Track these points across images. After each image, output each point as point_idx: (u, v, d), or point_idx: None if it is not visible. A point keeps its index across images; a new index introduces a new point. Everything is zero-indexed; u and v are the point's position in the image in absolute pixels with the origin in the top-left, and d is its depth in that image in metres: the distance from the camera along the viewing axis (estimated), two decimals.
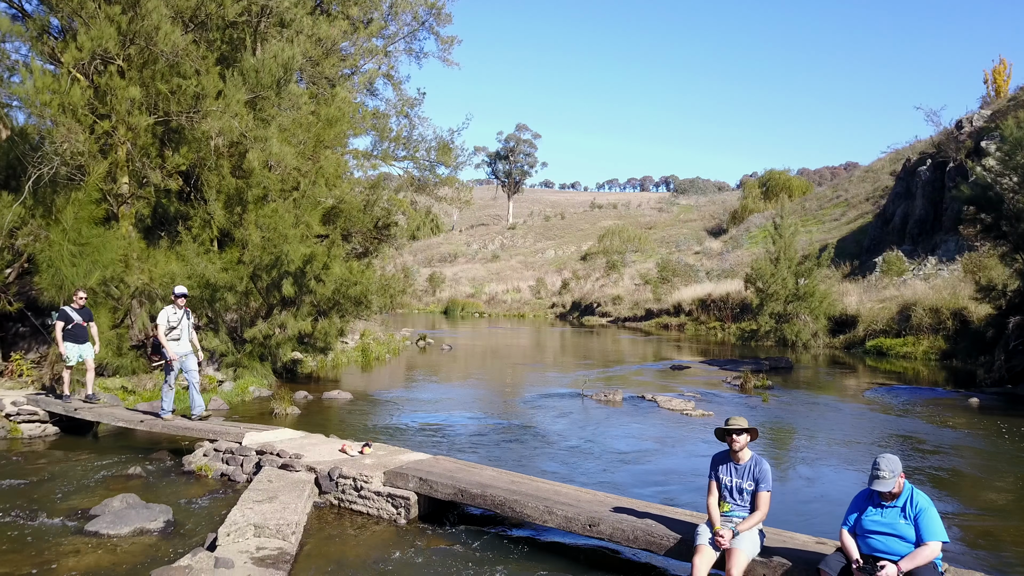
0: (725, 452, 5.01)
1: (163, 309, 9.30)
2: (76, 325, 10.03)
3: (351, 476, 6.74)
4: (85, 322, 10.20)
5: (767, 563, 4.64)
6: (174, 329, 9.24)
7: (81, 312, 10.19)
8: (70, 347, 9.97)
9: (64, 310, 10.07)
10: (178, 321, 9.27)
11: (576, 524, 5.44)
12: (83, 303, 10.30)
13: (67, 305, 10.21)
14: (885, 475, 4.19)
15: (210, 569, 5.05)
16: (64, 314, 10.02)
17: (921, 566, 3.99)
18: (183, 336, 9.33)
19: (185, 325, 9.37)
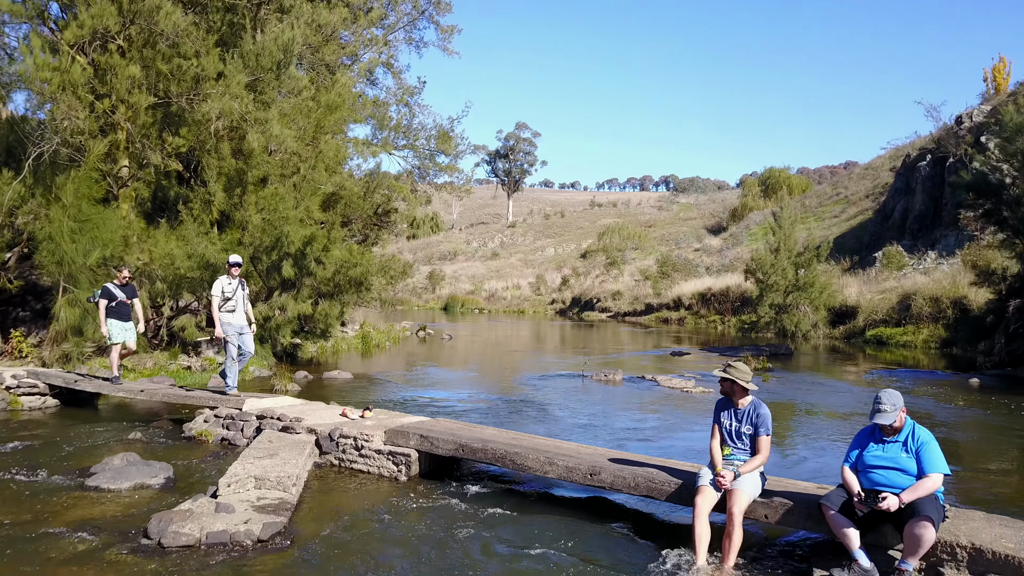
0: (728, 398, 5.01)
1: (217, 279, 8.74)
2: (120, 303, 9.55)
3: (352, 436, 6.74)
4: (129, 299, 9.70)
5: (768, 503, 4.63)
6: (229, 300, 8.64)
7: (125, 289, 9.67)
8: (114, 325, 9.48)
9: (107, 287, 9.59)
10: (233, 291, 8.67)
11: (577, 474, 5.43)
12: (127, 280, 9.77)
13: (110, 282, 9.73)
14: (887, 408, 4.19)
15: (211, 513, 5.05)
16: (107, 291, 9.52)
17: (923, 497, 3.98)
18: (238, 307, 8.73)
19: (240, 296, 8.76)
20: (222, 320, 8.59)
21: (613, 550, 4.80)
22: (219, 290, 8.63)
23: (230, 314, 8.65)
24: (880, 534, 4.25)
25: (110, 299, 9.48)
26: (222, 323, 8.59)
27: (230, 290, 8.68)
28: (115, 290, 9.55)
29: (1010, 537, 4.00)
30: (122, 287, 9.65)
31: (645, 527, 5.30)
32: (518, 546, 4.82)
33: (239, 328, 8.72)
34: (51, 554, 4.63)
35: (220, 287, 8.64)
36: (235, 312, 8.69)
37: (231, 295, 8.68)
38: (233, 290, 8.70)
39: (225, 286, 8.66)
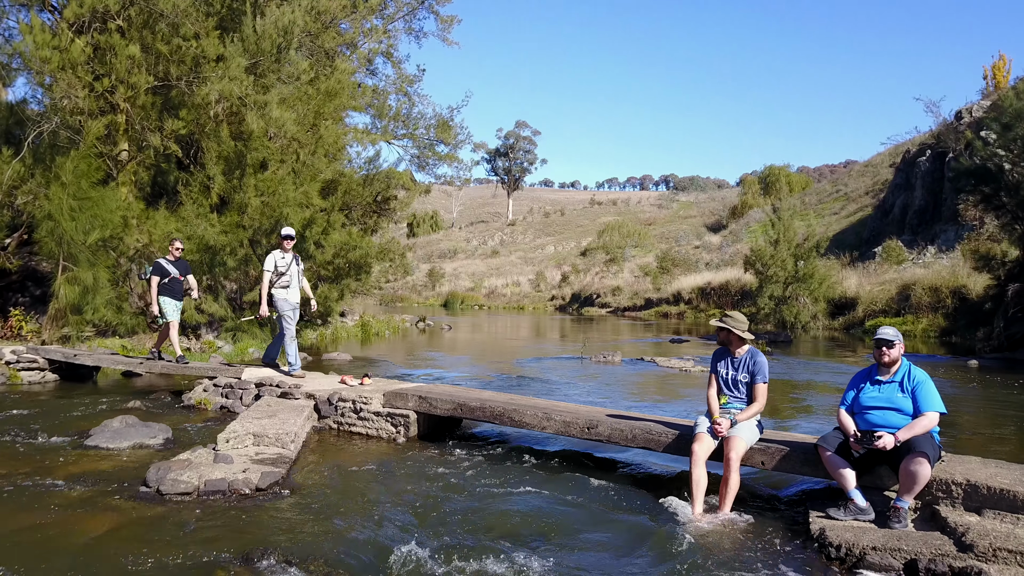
0: (725, 348, 5.03)
1: (269, 253, 8.08)
2: (173, 279, 9.06)
3: (350, 399, 6.76)
4: (182, 275, 9.21)
5: (765, 450, 4.65)
6: (283, 275, 8.00)
7: (177, 264, 9.18)
8: (167, 302, 9.01)
9: (159, 262, 9.09)
10: (287, 266, 8.02)
11: (575, 428, 5.45)
12: (179, 254, 9.26)
13: (162, 257, 9.25)
14: (889, 332, 4.25)
15: (209, 463, 5.07)
16: (159, 267, 9.04)
17: (919, 435, 4.00)
18: (293, 283, 8.10)
19: (295, 271, 8.14)
20: (277, 297, 7.97)
21: (611, 501, 4.81)
22: (272, 264, 7.96)
23: (284, 290, 8.03)
24: (876, 475, 4.26)
25: (163, 275, 8.98)
26: (277, 299, 7.98)
27: (284, 264, 8.02)
28: (168, 265, 9.06)
29: (1005, 475, 4.02)
30: (174, 262, 9.14)
31: (643, 480, 5.32)
32: (515, 500, 4.82)
33: (295, 305, 8.17)
34: (48, 501, 4.64)
35: (273, 261, 7.97)
36: (290, 288, 8.07)
37: (285, 269, 8.02)
38: (287, 264, 8.04)
39: (279, 260, 8.01)
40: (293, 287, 8.10)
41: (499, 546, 3.88)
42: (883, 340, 4.28)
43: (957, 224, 29.80)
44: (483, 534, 4.10)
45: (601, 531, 4.21)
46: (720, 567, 3.68)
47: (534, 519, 4.40)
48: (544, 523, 4.33)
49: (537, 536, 4.11)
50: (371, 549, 3.86)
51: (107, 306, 12.12)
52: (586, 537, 4.12)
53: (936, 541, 3.62)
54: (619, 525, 4.30)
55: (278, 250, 8.11)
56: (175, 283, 9.10)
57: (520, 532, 4.18)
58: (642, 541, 4.05)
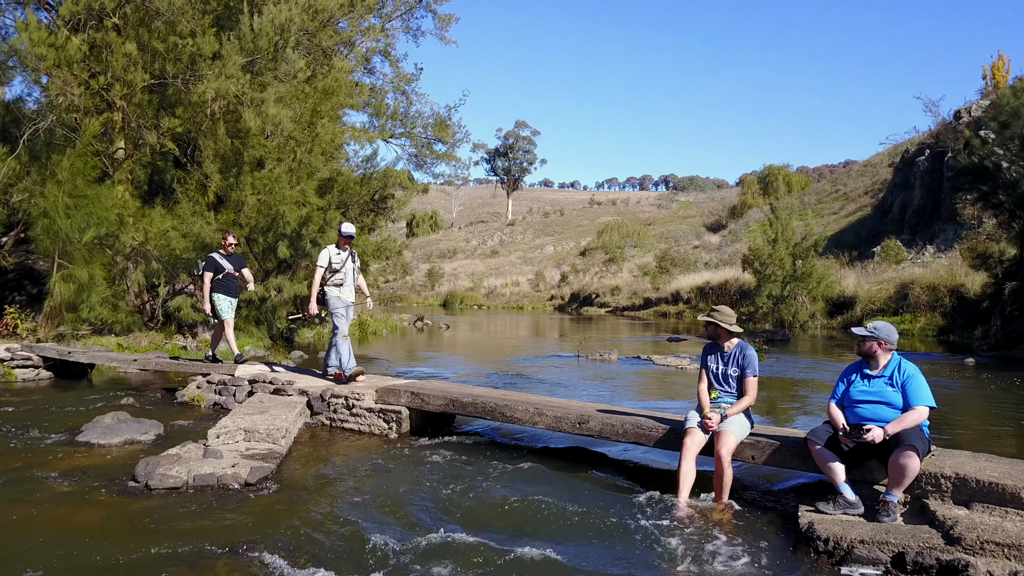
0: (715, 342, 5.02)
1: (324, 249, 7.67)
2: (227, 275, 8.57)
3: (343, 395, 6.75)
4: (236, 270, 8.72)
5: (756, 444, 4.64)
6: (337, 272, 7.56)
7: (231, 259, 8.69)
8: (221, 299, 8.49)
9: (212, 257, 8.58)
10: (342, 263, 7.61)
11: (566, 423, 5.44)
12: (233, 249, 8.76)
13: (215, 252, 8.73)
14: (866, 327, 4.27)
15: (199, 458, 5.06)
16: (212, 262, 8.55)
17: (908, 429, 3.98)
18: (347, 281, 7.66)
19: (350, 269, 7.69)
20: (329, 295, 7.53)
21: (599, 495, 4.79)
22: (326, 259, 7.56)
23: (337, 288, 7.57)
24: (866, 469, 4.25)
25: (216, 271, 8.48)
26: (329, 297, 7.52)
27: (338, 261, 7.59)
28: (221, 260, 8.55)
29: (994, 468, 4.01)
30: (228, 257, 8.64)
31: (633, 474, 5.30)
32: (506, 492, 4.81)
33: (348, 304, 7.70)
34: (38, 495, 4.63)
35: (327, 256, 7.56)
36: (343, 286, 7.63)
37: (340, 266, 7.58)
38: (342, 261, 7.62)
39: (333, 256, 7.58)
40: (347, 285, 7.69)
41: (488, 540, 3.87)
42: (857, 335, 4.34)
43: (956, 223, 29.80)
44: (472, 528, 4.09)
45: (590, 524, 4.20)
46: (707, 560, 3.67)
47: (523, 513, 4.39)
48: (533, 517, 4.31)
49: (526, 530, 4.10)
50: (357, 543, 3.85)
51: (103, 304, 12.11)
52: (574, 530, 4.11)
53: (924, 534, 3.61)
54: (608, 518, 4.28)
55: (333, 246, 7.69)
56: (229, 279, 8.60)
57: (509, 526, 4.17)
58: (630, 533, 4.04)
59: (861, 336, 4.31)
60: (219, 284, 8.48)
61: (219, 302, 8.47)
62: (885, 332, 4.26)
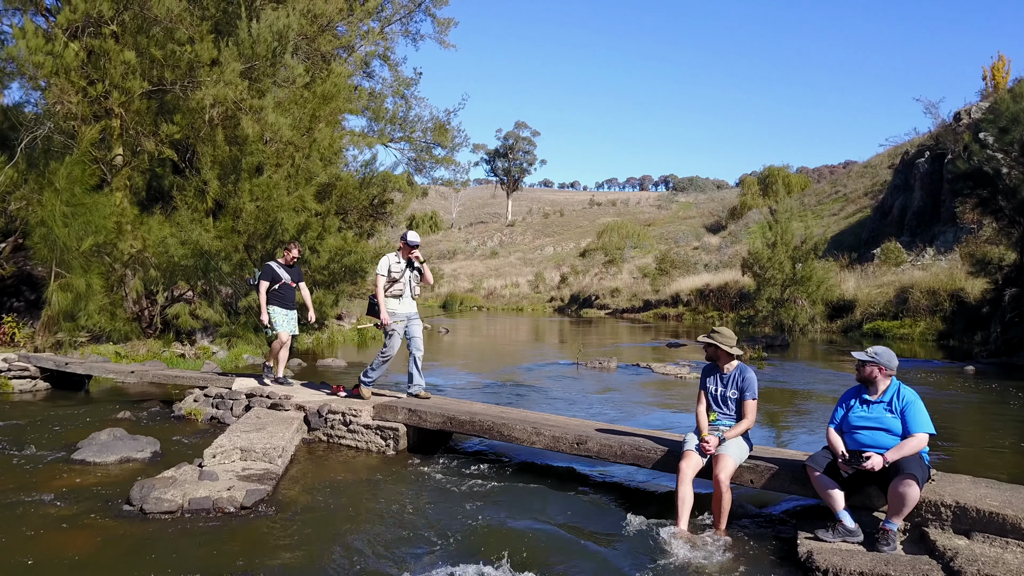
0: (714, 364, 4.99)
1: (384, 257, 7.23)
2: (284, 285, 7.99)
3: (340, 411, 6.71)
4: (295, 283, 8.15)
5: (754, 467, 4.61)
6: (396, 283, 7.11)
7: (290, 270, 8.12)
8: (277, 313, 7.90)
9: (270, 266, 8.00)
10: (401, 272, 7.15)
11: (564, 443, 5.41)
12: (294, 260, 8.18)
13: (273, 260, 8.18)
14: (867, 352, 4.24)
15: (194, 480, 5.02)
16: (269, 271, 7.96)
17: (907, 456, 3.95)
18: (406, 292, 7.19)
19: (409, 278, 7.21)
20: (389, 306, 7.10)
21: (598, 518, 4.77)
22: (385, 268, 7.10)
23: (395, 300, 7.12)
24: (865, 495, 4.22)
25: (273, 281, 7.93)
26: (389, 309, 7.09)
27: (398, 270, 7.12)
28: (279, 270, 8.02)
29: (995, 496, 3.98)
30: (288, 267, 8.12)
31: (632, 497, 5.27)
32: (503, 515, 4.78)
33: (405, 316, 7.16)
34: (31, 519, 4.60)
35: (387, 264, 7.12)
36: (402, 298, 7.14)
37: (399, 276, 7.12)
38: (402, 270, 7.15)
39: (393, 264, 7.13)
40: (406, 297, 7.18)
41: (486, 569, 3.84)
42: (858, 360, 4.30)
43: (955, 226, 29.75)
44: (471, 555, 4.06)
45: (588, 549, 4.17)
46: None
47: (521, 537, 4.36)
48: (531, 541, 4.28)
49: (524, 554, 4.07)
50: (352, 571, 3.81)
51: (100, 312, 12.08)
52: (572, 555, 4.08)
53: (924, 566, 3.58)
54: (606, 543, 4.26)
55: (393, 253, 7.29)
56: (286, 290, 8.02)
57: (507, 551, 4.13)
58: (628, 560, 4.01)
59: (861, 360, 4.28)
60: (275, 295, 7.93)
61: (274, 315, 7.91)
62: (886, 358, 4.23)
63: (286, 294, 8.01)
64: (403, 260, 7.21)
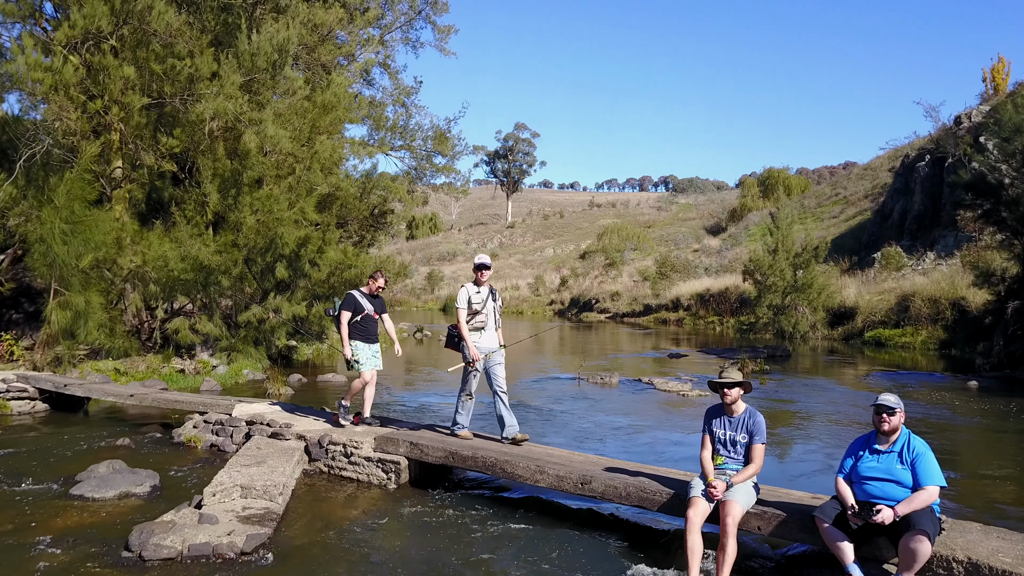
0: (719, 406, 4.92)
1: (462, 288, 6.64)
2: (367, 317, 7.21)
3: (341, 442, 6.65)
4: (378, 314, 7.36)
5: (762, 515, 4.54)
6: (478, 315, 6.53)
7: (374, 300, 7.36)
8: (360, 348, 7.15)
9: (352, 295, 7.28)
10: (483, 302, 6.55)
11: (568, 483, 5.34)
12: (379, 289, 7.38)
13: (356, 289, 7.47)
14: (890, 400, 4.15)
15: (194, 524, 4.96)
16: (351, 301, 7.21)
17: (918, 510, 3.89)
18: (489, 323, 6.60)
19: (492, 309, 6.62)
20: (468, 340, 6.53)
21: (602, 562, 4.71)
22: (465, 299, 6.52)
23: (478, 333, 6.55)
24: (875, 547, 4.16)
25: (355, 311, 7.17)
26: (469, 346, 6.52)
27: (479, 300, 6.54)
28: (362, 300, 7.26)
29: (1007, 551, 3.91)
30: (371, 297, 7.36)
31: (637, 538, 5.21)
32: (507, 557, 4.73)
33: (488, 351, 6.57)
34: (29, 565, 4.54)
35: (466, 296, 6.53)
36: (485, 331, 6.57)
37: (481, 307, 6.53)
38: (483, 300, 6.56)
39: (473, 295, 6.54)
40: (488, 330, 6.59)
41: None
42: (884, 407, 4.17)
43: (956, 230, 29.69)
44: None
45: None
46: None
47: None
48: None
49: None
50: None
51: (99, 329, 12.02)
52: None
53: None
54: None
55: (471, 283, 6.65)
56: (369, 322, 7.24)
57: None
58: None
59: (890, 410, 4.16)
60: (356, 328, 7.16)
61: (358, 350, 7.14)
62: (901, 404, 4.19)
63: (369, 327, 7.25)
64: (482, 288, 6.60)
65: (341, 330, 7.10)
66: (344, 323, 7.10)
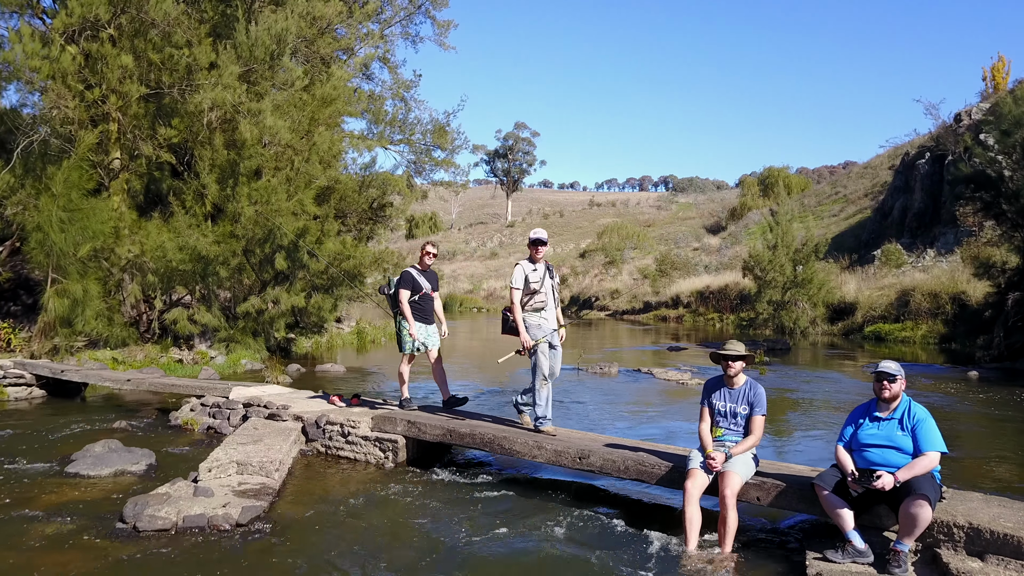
0: (719, 378, 4.89)
1: (517, 265, 6.10)
2: (424, 296, 6.75)
3: (338, 422, 6.61)
4: (433, 291, 6.90)
5: (761, 485, 4.51)
6: (536, 294, 6.00)
7: (428, 276, 6.87)
8: (417, 328, 6.69)
9: (409, 273, 6.76)
10: (540, 281, 6.03)
11: (566, 457, 5.31)
12: (431, 261, 6.89)
13: (411, 266, 6.91)
14: (890, 367, 4.12)
15: (189, 497, 4.93)
16: (409, 278, 6.72)
17: (919, 476, 3.86)
18: (549, 303, 6.07)
19: (550, 287, 6.13)
20: (528, 323, 5.96)
21: (602, 536, 4.67)
22: (521, 278, 6.01)
23: (538, 314, 6.01)
24: (875, 515, 4.13)
25: (413, 290, 6.70)
26: (529, 327, 5.95)
27: (536, 279, 6.01)
28: (419, 277, 6.76)
29: (1008, 517, 3.88)
30: (425, 272, 6.86)
31: (636, 512, 5.17)
32: (505, 531, 4.69)
33: (550, 332, 6.04)
34: (23, 538, 4.51)
35: (523, 275, 6.01)
36: (545, 310, 6.03)
37: (538, 286, 6.01)
38: (540, 279, 6.03)
39: (530, 273, 6.02)
40: (549, 309, 6.07)
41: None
42: (884, 374, 4.14)
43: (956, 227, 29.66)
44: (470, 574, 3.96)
45: (592, 571, 4.07)
46: None
47: (523, 558, 4.27)
48: (536, 564, 4.19)
49: None
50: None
51: (98, 318, 11.98)
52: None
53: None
54: (611, 564, 4.16)
55: (526, 260, 6.12)
56: (427, 301, 6.76)
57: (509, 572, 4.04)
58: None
59: (891, 376, 4.13)
60: (414, 308, 6.69)
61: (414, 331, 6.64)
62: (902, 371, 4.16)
63: (426, 306, 6.76)
64: (539, 265, 6.08)
65: (403, 310, 6.63)
66: (404, 302, 6.63)
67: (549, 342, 5.97)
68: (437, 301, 6.93)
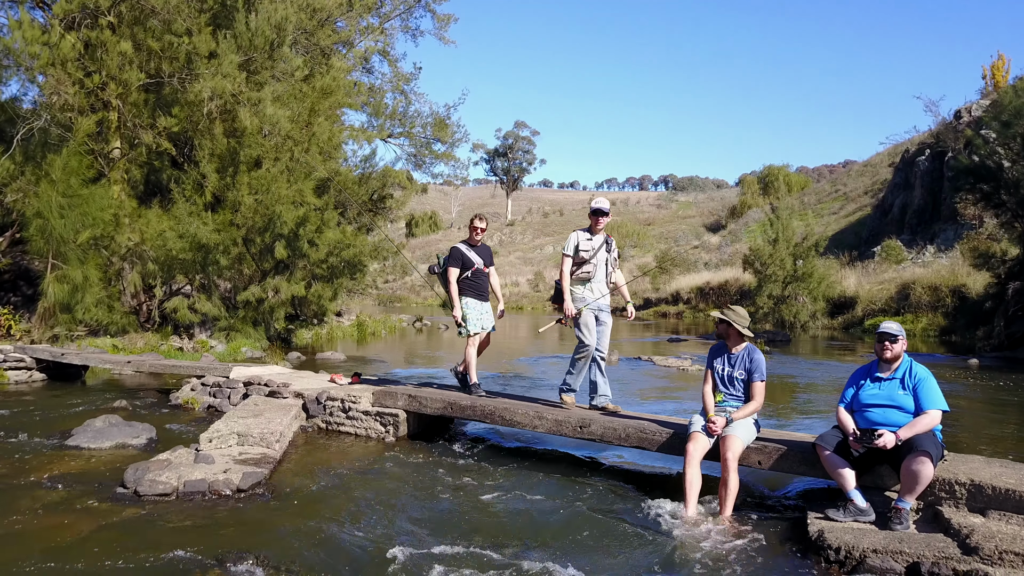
0: (722, 344, 4.90)
1: (572, 233, 5.90)
2: (477, 272, 6.37)
3: (339, 398, 6.61)
4: (487, 266, 6.50)
5: (762, 449, 4.51)
6: (585, 264, 5.75)
7: (480, 251, 6.48)
8: (471, 305, 6.31)
9: (458, 248, 6.40)
10: (592, 252, 5.77)
11: (567, 427, 5.31)
12: (481, 236, 6.48)
13: (460, 242, 6.52)
14: (891, 327, 4.12)
15: (190, 463, 4.93)
16: (458, 255, 6.36)
17: (920, 433, 3.86)
18: (598, 273, 5.79)
19: (603, 259, 5.83)
20: (574, 293, 5.76)
21: (603, 503, 4.67)
22: (572, 246, 5.79)
23: (582, 285, 5.78)
24: (876, 475, 4.13)
25: (464, 267, 6.35)
26: (575, 297, 5.75)
27: (589, 249, 5.74)
28: (469, 253, 6.39)
29: (1009, 475, 3.88)
30: (476, 248, 6.48)
31: (637, 480, 5.18)
32: (504, 501, 4.68)
33: (596, 307, 5.78)
34: (24, 502, 4.50)
35: (574, 242, 5.79)
36: (591, 281, 5.77)
37: (590, 255, 5.73)
38: (593, 249, 5.76)
39: (583, 242, 5.77)
40: (598, 280, 5.76)
41: (486, 551, 3.74)
42: (886, 334, 4.14)
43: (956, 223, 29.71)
44: (470, 538, 3.96)
45: (593, 534, 4.07)
46: (714, 571, 3.54)
47: (523, 521, 4.26)
48: (534, 526, 4.19)
49: (526, 540, 3.97)
50: (350, 554, 3.72)
51: (98, 305, 11.98)
52: (577, 540, 3.98)
53: (939, 543, 3.48)
54: (611, 528, 4.16)
55: (583, 230, 5.88)
56: (480, 276, 6.40)
57: (509, 535, 4.04)
58: (634, 544, 3.91)
59: (893, 336, 4.12)
60: (467, 285, 6.34)
61: (467, 309, 6.28)
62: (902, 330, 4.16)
63: (480, 282, 6.39)
64: (596, 236, 5.83)
65: (450, 289, 6.29)
66: (452, 280, 6.29)
67: (596, 315, 5.76)
68: (493, 276, 6.59)
